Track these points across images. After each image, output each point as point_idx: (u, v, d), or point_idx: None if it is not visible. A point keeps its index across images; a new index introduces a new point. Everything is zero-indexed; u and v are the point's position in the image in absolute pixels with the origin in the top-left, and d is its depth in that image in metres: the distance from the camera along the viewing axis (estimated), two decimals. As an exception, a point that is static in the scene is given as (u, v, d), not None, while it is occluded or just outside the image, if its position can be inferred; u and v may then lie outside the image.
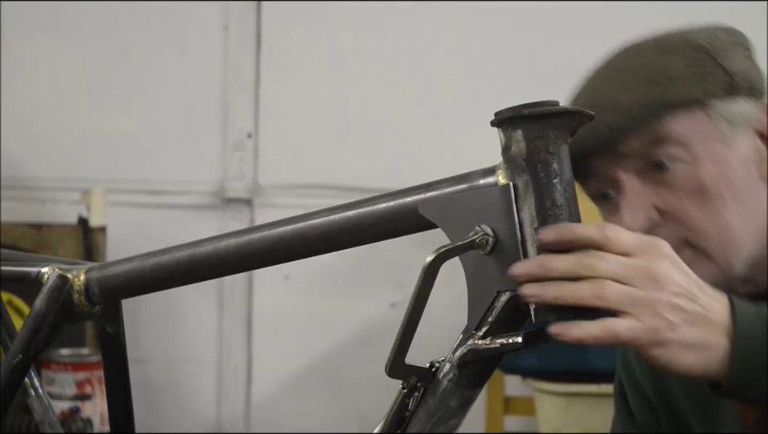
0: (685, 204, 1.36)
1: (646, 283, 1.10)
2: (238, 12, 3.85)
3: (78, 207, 3.58)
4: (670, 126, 1.37)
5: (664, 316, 1.10)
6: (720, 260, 1.36)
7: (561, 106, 1.12)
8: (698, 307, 1.12)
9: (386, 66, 3.84)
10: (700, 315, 1.12)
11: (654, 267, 1.10)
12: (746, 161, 1.39)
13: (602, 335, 1.09)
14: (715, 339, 1.13)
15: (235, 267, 1.27)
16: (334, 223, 1.20)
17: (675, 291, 1.11)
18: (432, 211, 1.15)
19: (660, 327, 1.10)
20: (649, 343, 1.10)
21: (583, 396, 3.11)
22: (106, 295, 1.33)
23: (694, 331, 1.12)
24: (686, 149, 1.37)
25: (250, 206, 3.87)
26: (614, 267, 1.10)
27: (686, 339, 1.11)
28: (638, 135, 1.37)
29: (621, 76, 1.43)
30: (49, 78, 3.86)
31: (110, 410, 1.39)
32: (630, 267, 1.10)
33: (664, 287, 1.10)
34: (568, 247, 1.10)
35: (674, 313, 1.11)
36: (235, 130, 3.87)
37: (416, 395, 1.15)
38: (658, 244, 1.12)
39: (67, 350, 3.34)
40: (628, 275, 1.10)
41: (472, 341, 1.12)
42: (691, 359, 1.12)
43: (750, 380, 1.14)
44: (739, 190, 1.37)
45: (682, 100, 1.37)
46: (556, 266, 1.10)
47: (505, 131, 1.13)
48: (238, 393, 3.87)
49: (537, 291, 1.10)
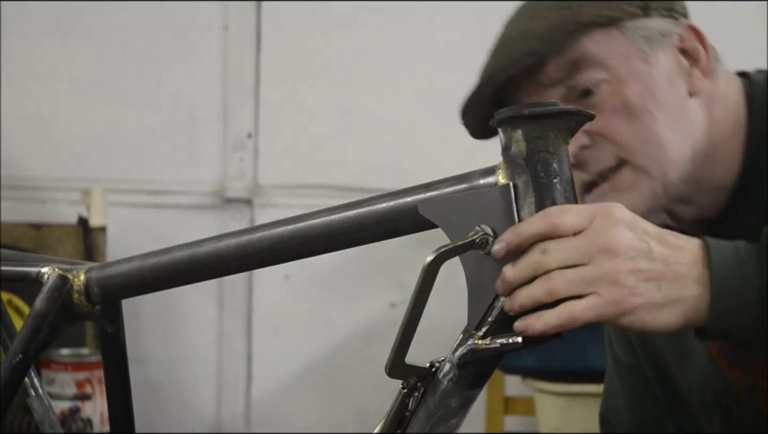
0: (613, 123, 1.36)
1: (599, 256, 1.09)
2: (238, 12, 3.85)
3: (78, 207, 3.58)
4: (587, 47, 1.38)
5: (624, 284, 1.09)
6: (658, 175, 1.36)
7: (561, 106, 1.12)
8: (659, 265, 1.10)
9: (386, 65, 3.84)
10: (664, 271, 1.10)
11: (605, 237, 1.09)
12: (669, 76, 1.39)
13: (562, 322, 1.09)
14: (688, 291, 1.11)
15: (235, 267, 1.27)
16: (334, 223, 1.20)
17: (632, 255, 1.09)
18: (432, 211, 1.15)
19: (621, 296, 1.09)
20: (615, 315, 1.09)
21: (583, 396, 3.11)
22: (106, 295, 1.33)
23: (663, 288, 1.10)
24: (607, 69, 1.37)
25: (249, 206, 3.87)
26: (561, 254, 1.09)
27: (655, 299, 1.10)
28: (556, 61, 1.38)
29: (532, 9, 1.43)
30: (49, 78, 3.86)
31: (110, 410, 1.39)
32: (578, 246, 1.09)
33: (618, 254, 1.09)
34: (523, 250, 1.10)
35: (634, 277, 1.09)
36: (235, 130, 3.87)
37: (416, 395, 1.15)
38: (607, 210, 1.11)
39: (67, 350, 3.33)
40: (579, 256, 1.09)
41: (472, 341, 1.12)
42: (667, 316, 1.11)
43: (732, 322, 1.12)
44: (666, 104, 1.37)
45: (594, 19, 1.37)
46: (511, 277, 1.10)
47: (505, 131, 1.13)
48: (237, 393, 3.87)
49: (509, 305, 1.11)
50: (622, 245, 1.09)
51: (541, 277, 1.09)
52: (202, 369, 3.88)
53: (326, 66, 3.85)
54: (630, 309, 1.09)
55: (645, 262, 1.10)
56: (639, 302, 1.09)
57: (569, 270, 1.09)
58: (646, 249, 1.10)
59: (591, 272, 1.09)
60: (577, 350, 3.10)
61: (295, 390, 3.86)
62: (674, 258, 1.11)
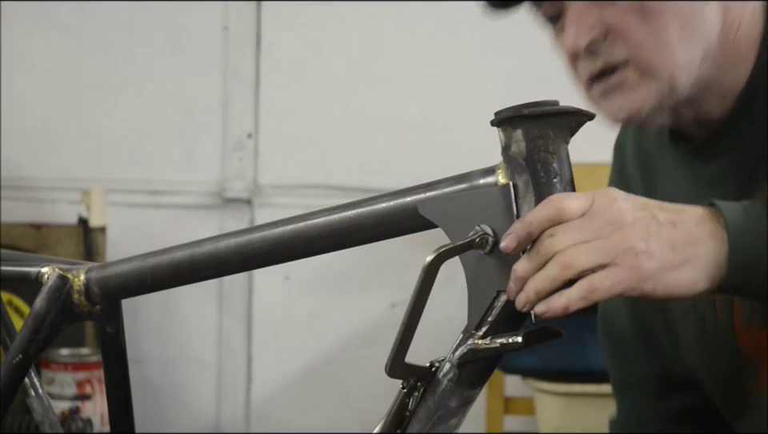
0: (628, 20, 1.33)
1: (608, 229, 1.09)
2: (238, 12, 3.85)
3: (78, 207, 3.58)
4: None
5: (639, 249, 1.09)
6: (665, 78, 1.34)
7: (561, 106, 1.12)
8: (667, 228, 1.11)
9: (386, 65, 3.84)
10: (674, 233, 1.11)
11: (609, 212, 1.10)
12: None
13: (585, 294, 1.09)
14: (703, 247, 1.12)
15: (235, 267, 1.27)
16: (334, 223, 1.20)
17: (639, 223, 1.10)
18: (432, 211, 1.15)
19: (638, 262, 1.09)
20: (636, 281, 1.09)
21: (583, 396, 3.11)
22: (105, 295, 1.33)
23: (677, 248, 1.11)
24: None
25: (249, 206, 3.87)
26: (570, 233, 1.10)
27: (671, 260, 1.10)
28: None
29: None
30: (49, 78, 3.86)
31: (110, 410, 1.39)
32: (585, 225, 1.10)
33: (626, 224, 1.10)
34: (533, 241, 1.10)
35: (647, 242, 1.10)
36: (235, 130, 3.87)
37: (416, 395, 1.15)
38: (603, 191, 1.12)
39: (67, 350, 3.33)
40: (588, 233, 1.09)
41: (472, 341, 1.12)
42: (688, 275, 1.11)
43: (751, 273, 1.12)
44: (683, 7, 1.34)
45: None
46: (523, 268, 1.10)
47: (505, 131, 1.13)
48: (237, 393, 3.87)
49: (523, 299, 1.10)
50: (627, 216, 1.10)
51: (554, 257, 1.09)
52: (201, 369, 3.88)
53: (326, 66, 3.85)
54: (650, 273, 1.10)
55: (653, 226, 1.10)
56: (657, 264, 1.10)
57: (582, 244, 1.09)
58: (650, 215, 1.11)
59: (604, 244, 1.09)
60: (577, 350, 3.10)
61: (295, 390, 3.86)
62: (679, 219, 1.12)
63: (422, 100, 3.82)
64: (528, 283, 1.10)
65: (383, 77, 3.84)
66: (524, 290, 1.10)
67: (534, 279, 1.09)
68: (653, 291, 1.10)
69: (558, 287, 1.09)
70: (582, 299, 1.09)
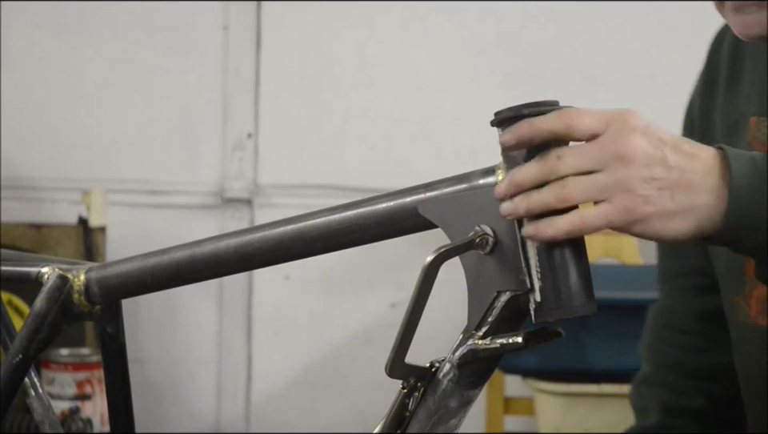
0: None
1: (613, 164, 1.08)
2: (238, 12, 3.85)
3: (78, 207, 3.58)
4: None
5: (637, 193, 1.08)
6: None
7: (561, 106, 1.12)
8: (674, 173, 1.10)
9: (386, 65, 3.84)
10: (678, 180, 1.10)
11: (620, 144, 1.09)
12: None
13: (572, 228, 1.08)
14: (701, 199, 1.11)
15: (235, 267, 1.27)
16: (334, 223, 1.20)
17: (646, 163, 1.09)
18: (432, 211, 1.15)
19: (633, 204, 1.08)
20: (626, 222, 1.09)
21: (583, 396, 3.11)
22: (105, 295, 1.33)
23: (676, 196, 1.10)
24: None
25: (249, 206, 3.87)
26: (576, 160, 1.09)
27: (667, 208, 1.10)
28: None
29: None
30: (49, 78, 3.86)
31: (110, 410, 1.39)
32: (592, 152, 1.09)
33: (633, 162, 1.08)
34: (532, 146, 1.10)
35: (648, 185, 1.09)
36: (235, 130, 3.87)
37: (416, 395, 1.15)
38: (623, 116, 1.10)
39: (67, 350, 3.33)
40: (593, 162, 1.09)
41: (472, 341, 1.12)
42: (679, 224, 1.10)
43: (744, 233, 1.12)
44: None
45: None
46: (521, 177, 1.09)
47: (505, 131, 1.13)
48: (237, 393, 3.87)
49: (510, 207, 1.10)
50: (637, 152, 1.09)
51: (553, 182, 1.09)
52: (201, 369, 3.88)
53: (326, 66, 3.85)
54: (642, 217, 1.09)
55: (660, 170, 1.09)
56: (651, 210, 1.09)
57: (583, 176, 1.08)
58: (661, 157, 1.10)
59: (605, 179, 1.08)
60: (577, 350, 3.10)
61: (295, 390, 3.86)
62: (689, 166, 1.11)
63: (422, 100, 3.82)
64: (520, 197, 1.09)
65: (383, 77, 3.84)
66: (513, 200, 1.09)
67: (527, 197, 1.09)
68: (640, 233, 1.10)
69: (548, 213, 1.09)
70: (569, 232, 1.09)
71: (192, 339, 3.88)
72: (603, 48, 3.77)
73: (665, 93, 3.73)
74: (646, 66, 3.76)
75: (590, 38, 3.78)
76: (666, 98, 3.76)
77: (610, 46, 3.77)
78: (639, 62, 3.76)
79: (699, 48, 1.67)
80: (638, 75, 3.76)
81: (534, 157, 1.10)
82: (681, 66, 3.77)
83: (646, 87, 3.74)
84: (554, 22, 3.77)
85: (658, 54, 3.76)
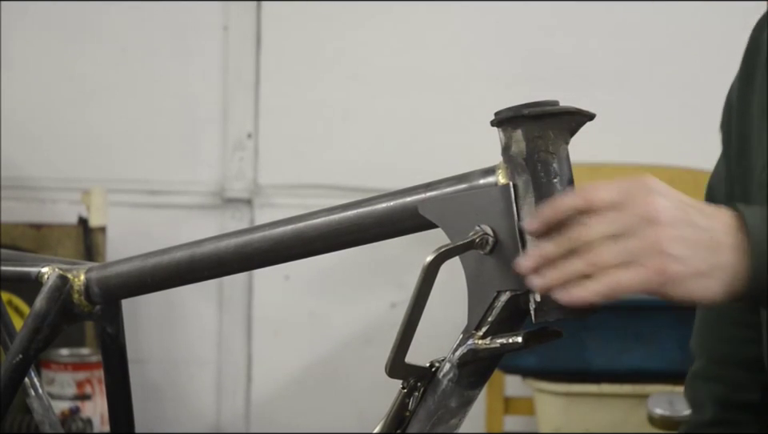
0: None
1: (641, 227, 1.08)
2: (238, 12, 3.85)
3: (78, 207, 3.58)
4: None
5: (667, 253, 1.08)
6: None
7: (561, 106, 1.12)
8: (701, 233, 1.10)
9: (385, 65, 3.84)
10: (706, 240, 1.10)
11: (644, 208, 1.09)
12: None
13: (607, 291, 1.08)
14: (727, 258, 1.11)
15: (235, 267, 1.27)
16: (334, 223, 1.20)
17: (674, 223, 1.09)
18: (432, 211, 1.15)
19: (665, 265, 1.08)
20: (660, 284, 1.09)
21: (583, 396, 3.11)
22: (105, 295, 1.33)
23: (706, 256, 1.10)
24: None
25: (249, 206, 3.87)
26: (603, 226, 1.09)
27: (698, 267, 1.09)
28: None
29: None
30: (48, 78, 3.86)
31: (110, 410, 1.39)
32: (619, 217, 1.09)
33: (660, 223, 1.08)
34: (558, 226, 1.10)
35: (678, 245, 1.09)
36: (235, 130, 3.87)
37: (416, 395, 1.15)
38: (641, 180, 1.11)
39: (67, 350, 3.33)
40: (620, 227, 1.09)
41: (472, 341, 1.12)
42: (711, 284, 1.10)
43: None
44: None
45: None
46: (550, 251, 1.10)
47: (505, 131, 1.13)
48: (237, 393, 3.87)
49: (541, 281, 1.10)
50: (663, 213, 1.09)
51: (582, 249, 1.09)
52: (201, 369, 3.88)
53: (326, 67, 3.85)
54: (675, 277, 1.09)
55: (688, 230, 1.09)
56: (684, 270, 1.09)
57: (612, 241, 1.08)
58: (686, 217, 1.10)
59: (635, 243, 1.08)
60: (577, 350, 3.10)
61: (295, 390, 3.86)
62: (711, 225, 1.11)
63: (422, 100, 3.82)
64: (551, 271, 1.09)
65: (383, 76, 3.84)
66: (543, 274, 1.10)
67: (559, 268, 1.09)
68: (673, 294, 1.10)
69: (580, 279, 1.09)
70: (604, 295, 1.09)
71: (192, 339, 3.87)
72: (603, 48, 3.77)
73: (665, 93, 3.74)
74: (646, 66, 3.76)
75: (590, 38, 3.78)
76: (666, 99, 3.77)
77: (610, 46, 3.77)
78: (639, 62, 3.76)
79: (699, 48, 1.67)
80: (638, 75, 3.76)
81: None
82: (681, 67, 3.77)
83: (645, 87, 3.74)
84: (553, 22, 3.77)
85: (657, 54, 3.76)
